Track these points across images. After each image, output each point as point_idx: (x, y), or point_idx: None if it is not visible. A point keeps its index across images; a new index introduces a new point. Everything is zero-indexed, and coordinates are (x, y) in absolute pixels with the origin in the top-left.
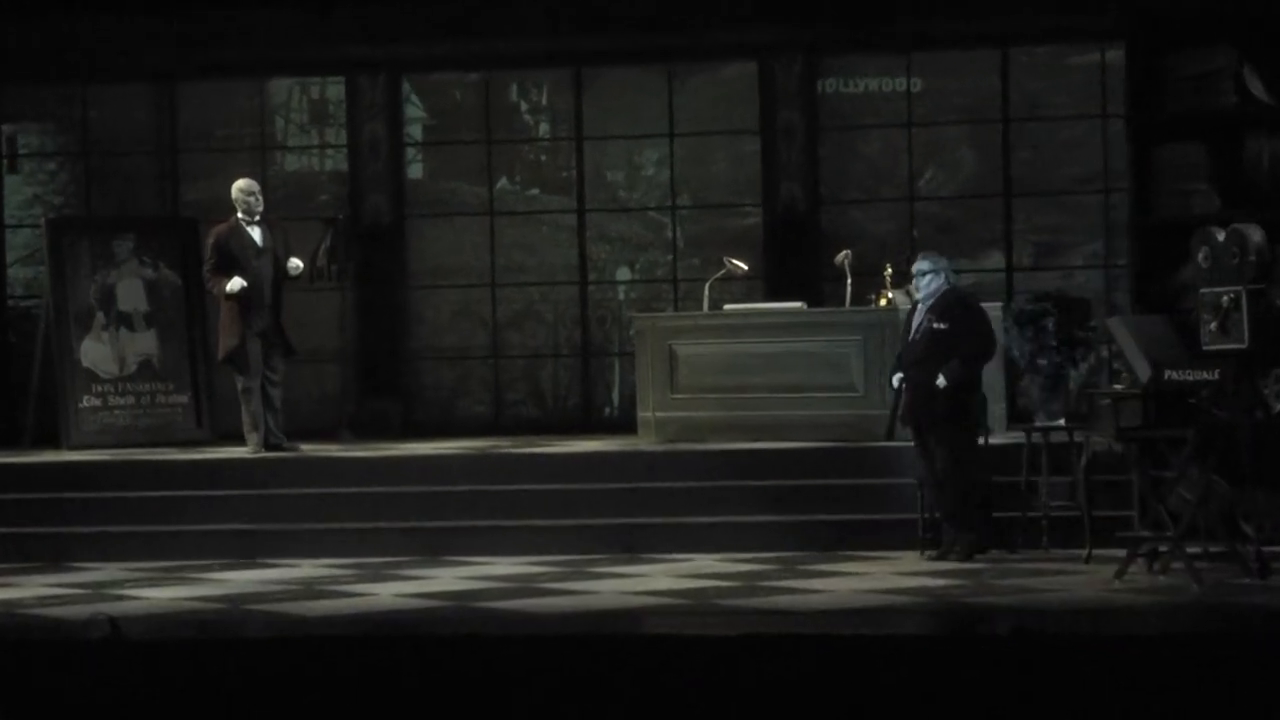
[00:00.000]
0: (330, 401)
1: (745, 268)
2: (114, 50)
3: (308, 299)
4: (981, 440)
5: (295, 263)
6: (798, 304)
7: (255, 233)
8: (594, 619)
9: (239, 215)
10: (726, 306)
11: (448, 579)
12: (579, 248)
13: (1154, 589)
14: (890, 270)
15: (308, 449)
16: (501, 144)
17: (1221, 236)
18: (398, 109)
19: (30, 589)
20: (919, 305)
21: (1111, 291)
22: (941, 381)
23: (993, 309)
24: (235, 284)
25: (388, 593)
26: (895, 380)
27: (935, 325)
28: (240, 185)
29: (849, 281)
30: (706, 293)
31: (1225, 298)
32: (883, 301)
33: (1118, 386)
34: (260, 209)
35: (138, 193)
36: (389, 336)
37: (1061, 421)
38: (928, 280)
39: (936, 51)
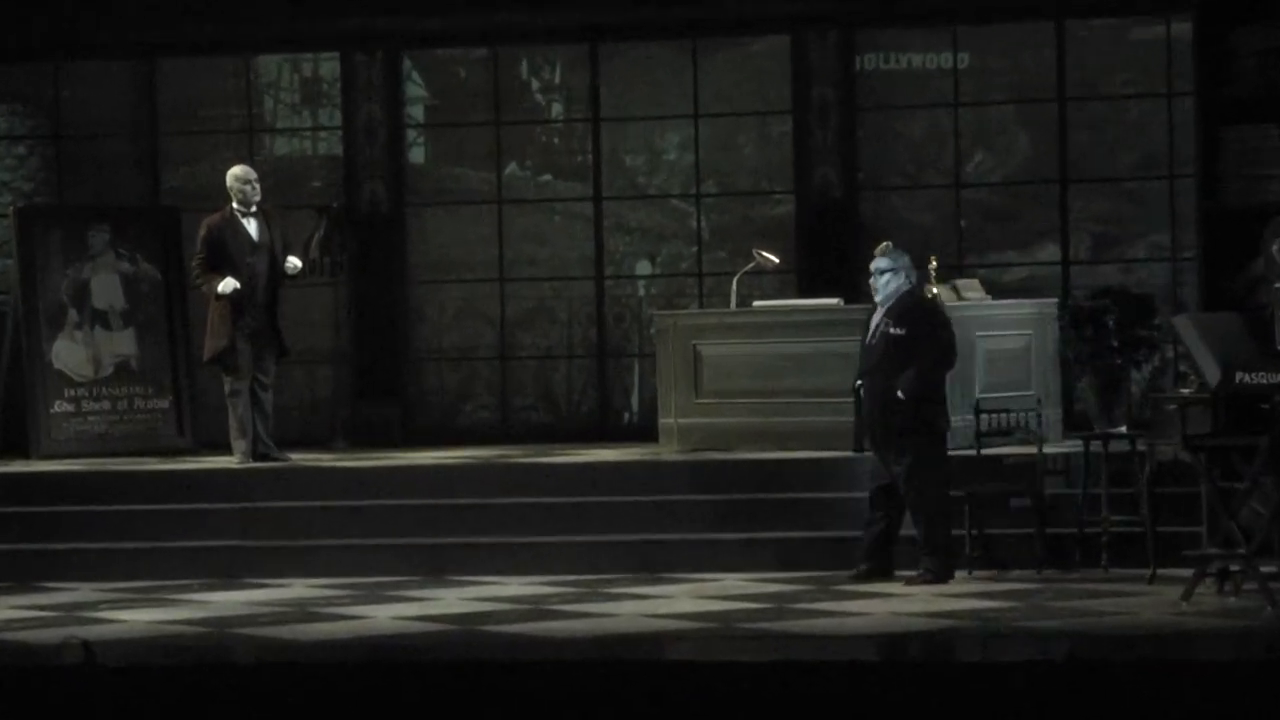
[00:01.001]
0: (323, 407)
1: (776, 260)
2: (88, 24)
3: (299, 295)
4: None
5: (294, 262)
6: (834, 300)
7: (251, 225)
8: (611, 644)
9: (234, 205)
10: (756, 303)
11: (452, 600)
12: (595, 239)
13: (1224, 612)
14: (935, 264)
15: (299, 459)
16: (511, 126)
17: None
18: (397, 88)
19: None
20: (878, 307)
21: (1178, 286)
22: (900, 393)
23: (1047, 305)
24: (227, 285)
25: (386, 615)
26: (856, 386)
27: (892, 330)
28: (235, 173)
29: None
30: (734, 288)
31: None
32: (927, 298)
33: (1184, 390)
34: (257, 199)
35: (114, 179)
36: (387, 336)
37: (1123, 429)
38: (886, 280)
39: (985, 24)
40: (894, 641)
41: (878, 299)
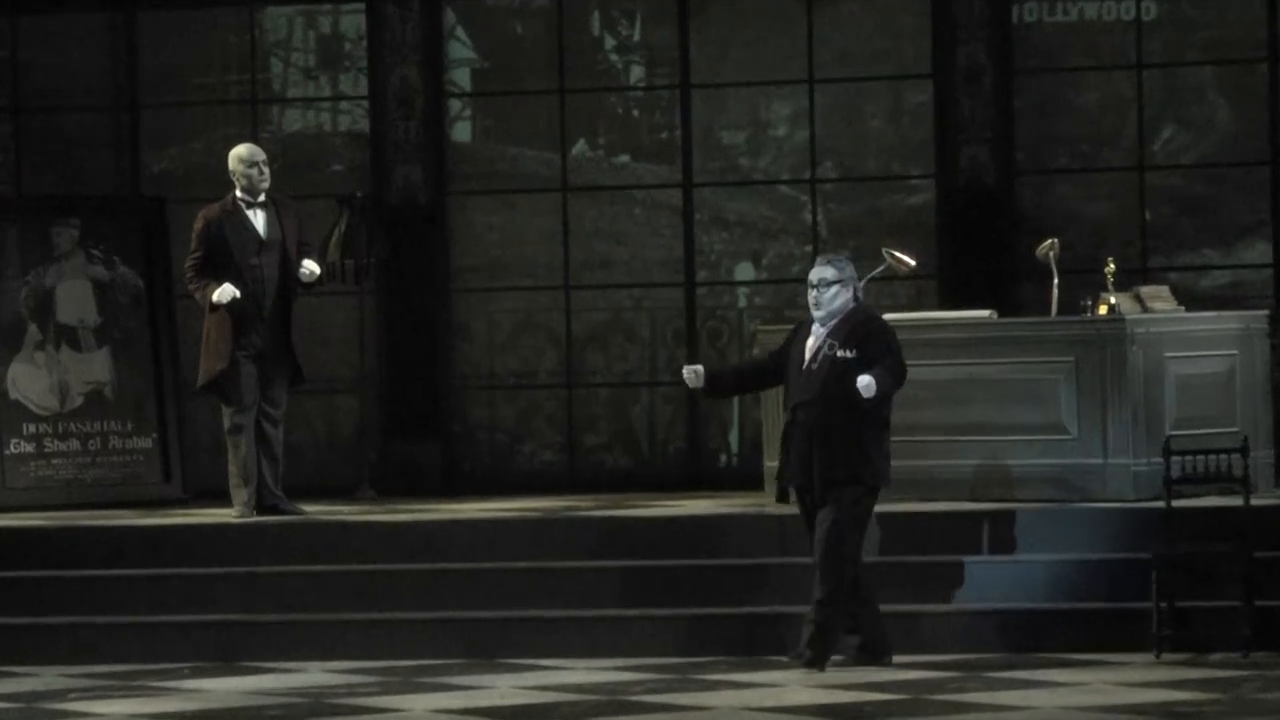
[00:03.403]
0: (346, 447)
1: (913, 263)
2: None
3: (316, 307)
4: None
5: (311, 267)
6: (985, 312)
7: (258, 218)
8: None
9: (237, 194)
10: (886, 316)
11: (505, 689)
12: (685, 236)
13: None
14: (1113, 267)
15: (314, 511)
16: (579, 95)
17: None
18: (438, 47)
19: None
20: (815, 326)
21: None
22: (871, 384)
23: (1255, 319)
24: (225, 292)
25: (423, 707)
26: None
27: (840, 353)
28: (240, 154)
29: (1056, 282)
30: None
31: None
32: (1103, 309)
33: None
34: (265, 186)
35: (85, 162)
36: (425, 358)
37: None
38: (832, 293)
39: None
40: None
41: (817, 315)
